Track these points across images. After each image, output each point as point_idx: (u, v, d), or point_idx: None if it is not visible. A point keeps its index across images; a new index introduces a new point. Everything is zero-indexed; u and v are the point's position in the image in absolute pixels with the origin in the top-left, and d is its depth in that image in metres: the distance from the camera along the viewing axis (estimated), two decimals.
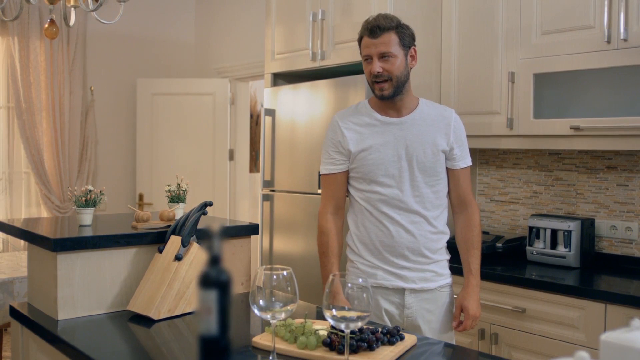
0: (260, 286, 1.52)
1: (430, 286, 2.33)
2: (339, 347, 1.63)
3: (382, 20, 2.22)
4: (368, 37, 2.22)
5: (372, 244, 2.31)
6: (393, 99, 2.27)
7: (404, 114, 2.31)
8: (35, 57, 5.22)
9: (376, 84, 2.24)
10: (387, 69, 2.21)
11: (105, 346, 1.88)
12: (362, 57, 2.28)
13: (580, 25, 2.93)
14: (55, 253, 2.03)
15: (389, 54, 2.21)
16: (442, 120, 2.33)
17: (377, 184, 2.29)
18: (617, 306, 2.54)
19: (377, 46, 2.20)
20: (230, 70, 5.71)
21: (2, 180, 5.32)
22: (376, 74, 2.21)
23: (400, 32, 2.24)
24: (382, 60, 2.21)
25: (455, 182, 2.37)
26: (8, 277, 3.64)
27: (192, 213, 2.22)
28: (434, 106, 2.38)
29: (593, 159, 3.28)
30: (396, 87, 2.24)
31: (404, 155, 2.27)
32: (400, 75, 2.24)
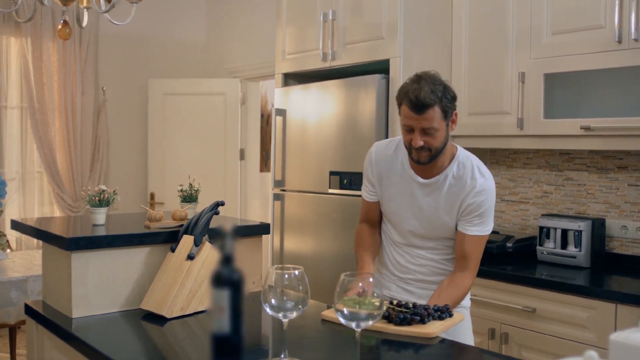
0: (271, 285, 1.54)
1: None
2: (395, 319, 1.87)
3: (427, 95, 2.08)
4: (412, 111, 2.11)
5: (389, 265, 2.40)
6: None
7: (433, 174, 2.24)
8: (48, 57, 5.27)
9: (415, 151, 2.16)
10: (429, 142, 2.12)
11: (119, 344, 1.91)
12: (401, 121, 2.18)
13: (591, 25, 2.93)
14: (69, 252, 2.06)
15: (432, 129, 2.11)
16: (461, 191, 2.22)
17: (393, 228, 2.36)
18: (628, 306, 2.54)
19: (420, 122, 2.10)
20: (241, 70, 5.74)
21: (16, 179, 5.37)
22: (417, 148, 2.14)
23: (444, 105, 2.12)
24: (423, 134, 2.12)
25: (459, 242, 2.25)
26: (22, 276, 3.68)
27: (204, 212, 2.24)
28: (465, 169, 2.24)
29: (604, 158, 3.28)
30: (434, 156, 2.18)
31: (418, 218, 2.27)
32: (440, 146, 2.16)
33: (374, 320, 1.48)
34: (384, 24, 3.41)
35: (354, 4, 3.59)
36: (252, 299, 2.38)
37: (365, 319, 1.47)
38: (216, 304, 1.13)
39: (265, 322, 2.16)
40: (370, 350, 1.82)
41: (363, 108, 3.42)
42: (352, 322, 1.47)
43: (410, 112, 2.11)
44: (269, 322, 2.13)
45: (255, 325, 2.21)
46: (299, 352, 1.69)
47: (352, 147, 3.50)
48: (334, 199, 3.63)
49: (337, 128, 3.59)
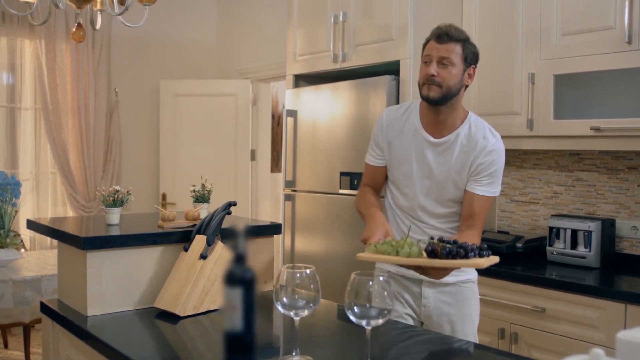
0: (283, 284, 1.57)
1: (448, 280, 2.31)
2: (441, 252, 1.83)
3: (452, 30, 2.21)
4: (435, 41, 2.21)
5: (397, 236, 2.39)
6: (438, 107, 2.24)
7: (444, 134, 2.28)
8: (62, 59, 5.32)
9: (425, 85, 2.21)
10: (442, 75, 2.19)
11: (133, 341, 1.94)
12: (422, 59, 2.27)
13: (601, 26, 2.93)
14: (85, 251, 2.10)
15: (448, 60, 2.19)
16: (473, 150, 2.26)
17: (401, 194, 2.38)
18: (638, 306, 2.54)
19: (440, 51, 2.19)
20: (252, 72, 5.77)
21: (30, 180, 5.43)
22: (430, 76, 2.19)
23: (466, 47, 2.22)
24: (440, 66, 2.19)
25: (468, 202, 2.28)
26: (36, 275, 3.73)
27: (216, 213, 2.27)
28: (477, 129, 2.29)
29: (614, 159, 3.29)
30: (444, 95, 2.21)
31: (430, 178, 2.30)
32: (452, 86, 2.21)
33: (384, 319, 1.50)
34: (394, 26, 3.43)
35: (364, 6, 3.61)
36: (264, 298, 2.41)
37: (376, 317, 1.49)
38: (229, 302, 1.16)
39: (277, 320, 2.19)
40: (381, 348, 1.84)
41: (373, 109, 3.44)
42: (362, 320, 1.50)
43: (434, 43, 2.22)
44: (281, 320, 2.16)
45: (267, 323, 2.23)
46: (310, 350, 1.71)
47: (362, 147, 3.51)
48: (345, 199, 3.65)
49: (348, 129, 3.61)
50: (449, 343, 1.98)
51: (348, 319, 1.51)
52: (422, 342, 1.97)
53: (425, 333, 2.06)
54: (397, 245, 1.88)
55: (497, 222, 3.81)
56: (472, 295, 2.42)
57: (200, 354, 1.84)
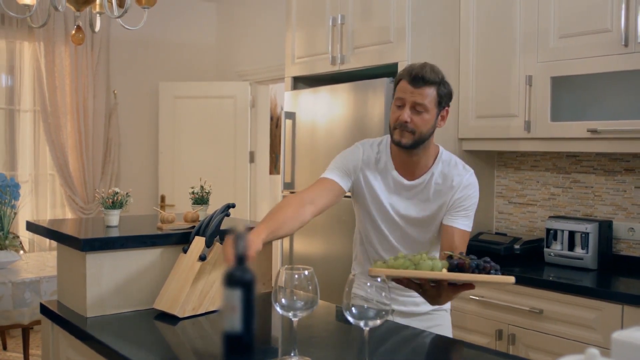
0: (282, 286, 1.58)
1: (419, 310, 2.31)
2: (469, 266, 1.72)
3: (427, 72, 2.11)
4: (408, 83, 2.12)
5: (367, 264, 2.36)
6: (409, 151, 2.18)
7: (416, 175, 2.23)
8: (61, 61, 5.34)
9: (397, 130, 2.14)
10: (415, 121, 2.11)
11: (133, 342, 1.95)
12: (393, 100, 2.18)
13: (598, 28, 2.95)
14: (84, 253, 2.11)
15: (423, 107, 2.11)
16: (450, 188, 2.22)
17: (371, 227, 2.32)
18: (634, 307, 2.56)
19: (414, 95, 2.10)
20: (251, 74, 5.78)
21: (28, 182, 5.44)
22: (403, 122, 2.12)
23: (440, 89, 2.13)
24: (413, 112, 2.11)
25: (448, 236, 2.20)
26: (35, 277, 3.74)
27: (215, 214, 2.28)
28: (450, 166, 2.25)
29: (611, 161, 3.30)
30: (416, 142, 2.14)
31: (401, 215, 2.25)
32: (425, 132, 2.14)
33: (382, 320, 1.51)
34: (392, 28, 3.45)
35: (362, 8, 3.63)
36: (263, 299, 2.42)
37: (374, 318, 1.50)
38: (228, 303, 1.17)
39: (276, 321, 2.20)
40: (377, 348, 1.85)
41: (372, 111, 3.46)
42: (360, 321, 1.51)
43: (407, 86, 2.12)
44: (279, 321, 2.17)
45: (265, 324, 2.24)
46: (309, 351, 1.72)
47: None
48: (343, 201, 3.64)
49: (346, 131, 3.62)
50: (448, 344, 1.99)
51: (346, 320, 1.52)
52: (421, 344, 1.98)
53: (424, 334, 2.06)
54: (415, 259, 1.77)
55: (494, 224, 3.82)
56: (444, 322, 2.36)
57: (199, 355, 1.85)
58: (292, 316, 1.59)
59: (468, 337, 3.02)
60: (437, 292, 1.85)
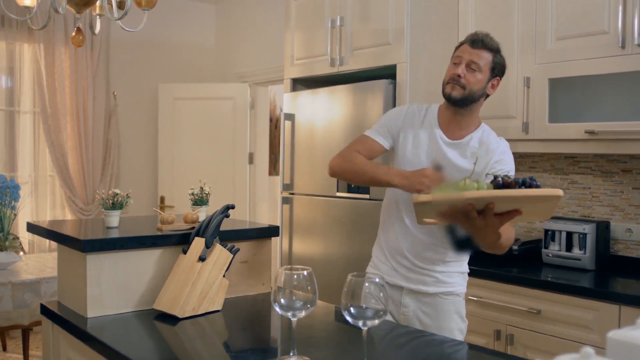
0: (281, 286, 1.59)
1: (427, 290, 2.34)
2: (515, 183, 1.74)
3: (487, 38, 2.28)
4: (468, 44, 2.27)
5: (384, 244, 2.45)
6: (457, 107, 2.28)
7: (458, 136, 2.32)
8: (60, 63, 5.35)
9: (450, 84, 2.27)
10: (468, 77, 2.24)
11: (133, 343, 1.96)
12: (452, 59, 2.32)
13: (595, 30, 2.97)
14: (84, 254, 2.12)
15: (477, 66, 2.25)
16: (486, 154, 2.30)
17: None
18: (631, 307, 2.58)
19: (471, 55, 2.25)
20: (250, 75, 5.80)
21: (28, 183, 5.45)
22: (457, 76, 2.25)
23: (496, 57, 2.28)
24: (467, 69, 2.25)
25: None
26: (35, 278, 3.75)
27: (215, 215, 2.30)
28: (489, 136, 2.36)
29: (608, 162, 3.32)
30: (465, 97, 2.25)
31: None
32: (475, 90, 2.26)
33: (380, 319, 1.53)
34: (391, 30, 3.46)
35: (361, 10, 3.65)
36: (262, 299, 2.43)
37: (372, 318, 1.52)
38: None
39: (275, 321, 2.21)
40: (376, 349, 1.86)
41: (370, 112, 3.47)
42: (358, 321, 1.52)
43: (467, 47, 2.28)
44: (279, 321, 2.19)
45: (265, 325, 2.26)
46: (308, 351, 1.74)
47: None
48: (342, 202, 3.68)
49: (345, 132, 3.64)
50: (447, 344, 2.00)
51: (345, 320, 1.53)
52: (420, 344, 1.99)
53: (422, 334, 2.08)
54: (459, 185, 1.77)
55: None
56: (455, 309, 2.38)
57: (199, 354, 1.86)
58: (291, 316, 1.60)
59: (466, 337, 3.02)
60: (484, 221, 1.86)
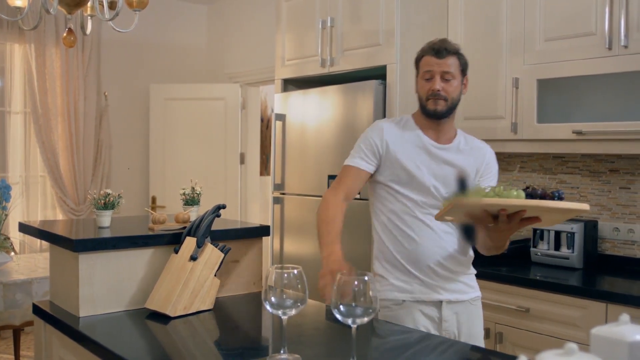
0: (271, 285, 1.61)
1: (463, 297, 2.33)
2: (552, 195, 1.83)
3: (448, 44, 2.31)
4: (433, 56, 2.28)
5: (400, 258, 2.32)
6: (440, 120, 2.31)
7: (443, 141, 2.34)
8: (51, 63, 5.34)
9: (431, 100, 2.28)
10: (446, 89, 2.27)
11: (125, 341, 1.98)
12: (420, 74, 2.33)
13: (583, 32, 3.00)
14: (77, 253, 2.13)
15: (450, 75, 2.28)
16: (477, 152, 2.37)
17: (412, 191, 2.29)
18: (618, 305, 2.61)
19: (441, 66, 2.27)
20: (241, 76, 5.81)
21: (19, 183, 5.44)
22: (436, 91, 2.26)
23: (460, 58, 2.32)
24: (442, 80, 2.27)
25: None
26: (27, 278, 3.75)
27: (206, 215, 2.31)
28: (471, 139, 2.43)
29: (596, 162, 3.36)
30: (449, 108, 2.30)
31: (438, 177, 2.29)
32: (455, 98, 2.31)
33: (369, 317, 1.55)
34: (381, 31, 3.49)
35: (351, 11, 3.67)
36: (253, 299, 2.45)
37: (361, 316, 1.54)
38: None
39: (266, 320, 2.23)
40: (365, 346, 1.88)
41: (361, 113, 3.50)
42: (348, 319, 1.54)
43: (432, 59, 2.29)
44: (270, 320, 2.20)
45: (256, 323, 2.28)
46: (298, 349, 1.76)
47: (350, 151, 3.56)
48: None
49: (336, 132, 3.66)
50: (436, 342, 2.02)
51: (335, 318, 1.55)
52: (409, 342, 2.01)
53: (412, 333, 2.10)
54: (498, 191, 1.81)
55: None
56: (480, 313, 2.40)
57: (190, 353, 1.88)
58: (282, 314, 1.62)
59: None
60: (509, 225, 1.91)
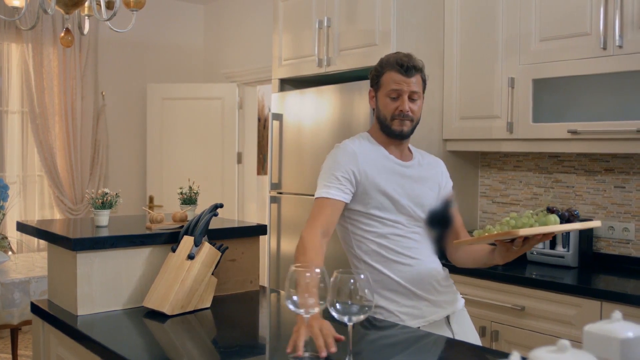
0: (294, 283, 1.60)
1: (460, 305, 2.32)
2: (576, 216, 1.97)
3: (414, 60, 2.18)
4: (401, 74, 2.16)
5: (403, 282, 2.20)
6: (403, 140, 2.24)
7: (406, 159, 2.29)
8: (49, 63, 5.35)
9: (397, 120, 2.18)
10: (413, 109, 2.18)
11: (123, 340, 1.99)
12: (384, 91, 2.20)
13: (577, 32, 3.02)
14: (75, 252, 2.15)
15: (418, 95, 2.19)
16: (435, 166, 2.35)
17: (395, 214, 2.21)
18: (612, 304, 2.63)
19: (410, 85, 2.16)
20: (239, 75, 5.82)
21: (17, 183, 5.45)
22: (405, 113, 2.16)
23: (423, 75, 2.22)
24: (410, 100, 2.17)
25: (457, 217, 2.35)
26: (24, 277, 3.76)
27: (203, 214, 2.33)
28: (424, 153, 2.38)
29: (591, 161, 3.38)
30: (413, 128, 2.23)
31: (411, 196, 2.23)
32: (419, 117, 2.23)
33: (365, 315, 1.56)
34: (378, 31, 3.50)
35: (348, 12, 3.68)
36: (250, 297, 2.47)
37: (357, 313, 1.55)
38: None
39: (263, 319, 2.24)
40: (361, 343, 1.90)
41: (357, 112, 3.51)
42: (344, 317, 1.56)
43: (400, 76, 2.16)
44: (267, 319, 2.22)
45: (253, 322, 2.29)
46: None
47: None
48: None
49: (333, 132, 3.68)
50: (433, 340, 2.03)
51: (331, 316, 1.57)
52: (406, 340, 2.02)
53: (407, 330, 2.11)
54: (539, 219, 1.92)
55: (478, 223, 3.89)
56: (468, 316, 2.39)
57: (188, 351, 1.90)
58: (304, 313, 1.60)
59: None
60: (522, 247, 1.99)
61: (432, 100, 3.57)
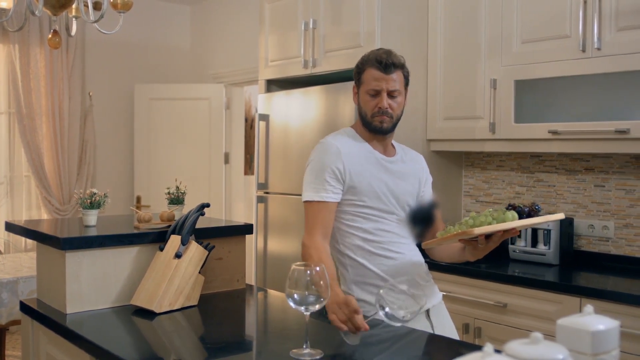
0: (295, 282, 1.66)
1: (439, 299, 2.35)
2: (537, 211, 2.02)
3: (395, 57, 2.19)
4: (380, 71, 2.17)
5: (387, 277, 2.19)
6: (385, 135, 2.27)
7: (389, 154, 2.32)
8: (36, 64, 5.35)
9: (377, 117, 2.19)
10: (393, 106, 2.19)
11: (111, 337, 2.02)
12: (364, 88, 2.22)
13: (558, 34, 3.09)
14: (64, 251, 2.18)
15: (398, 92, 2.20)
16: (417, 162, 2.39)
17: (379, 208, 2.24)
18: (591, 300, 2.69)
19: (388, 82, 2.17)
20: (226, 76, 5.85)
21: (4, 184, 5.45)
22: (385, 110, 2.18)
23: (405, 72, 2.23)
24: (389, 97, 2.19)
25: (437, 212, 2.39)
26: (12, 277, 3.77)
27: (190, 214, 2.37)
28: (406, 148, 2.41)
29: (572, 161, 3.44)
30: (394, 125, 2.25)
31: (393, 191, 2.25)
32: (400, 114, 2.25)
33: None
34: (362, 33, 3.55)
35: (333, 14, 3.73)
36: (237, 295, 2.51)
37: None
38: None
39: (250, 317, 2.28)
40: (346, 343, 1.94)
41: (343, 113, 3.56)
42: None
43: (379, 73, 2.17)
44: (254, 317, 2.26)
45: (240, 320, 2.33)
46: (283, 342, 1.81)
47: None
48: None
49: (318, 132, 3.72)
50: (417, 337, 2.07)
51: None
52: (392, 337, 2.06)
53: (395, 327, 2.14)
54: (496, 215, 1.97)
55: None
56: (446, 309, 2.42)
57: (175, 348, 1.93)
58: (305, 310, 1.66)
59: None
60: (497, 242, 2.04)
61: (416, 101, 3.63)
